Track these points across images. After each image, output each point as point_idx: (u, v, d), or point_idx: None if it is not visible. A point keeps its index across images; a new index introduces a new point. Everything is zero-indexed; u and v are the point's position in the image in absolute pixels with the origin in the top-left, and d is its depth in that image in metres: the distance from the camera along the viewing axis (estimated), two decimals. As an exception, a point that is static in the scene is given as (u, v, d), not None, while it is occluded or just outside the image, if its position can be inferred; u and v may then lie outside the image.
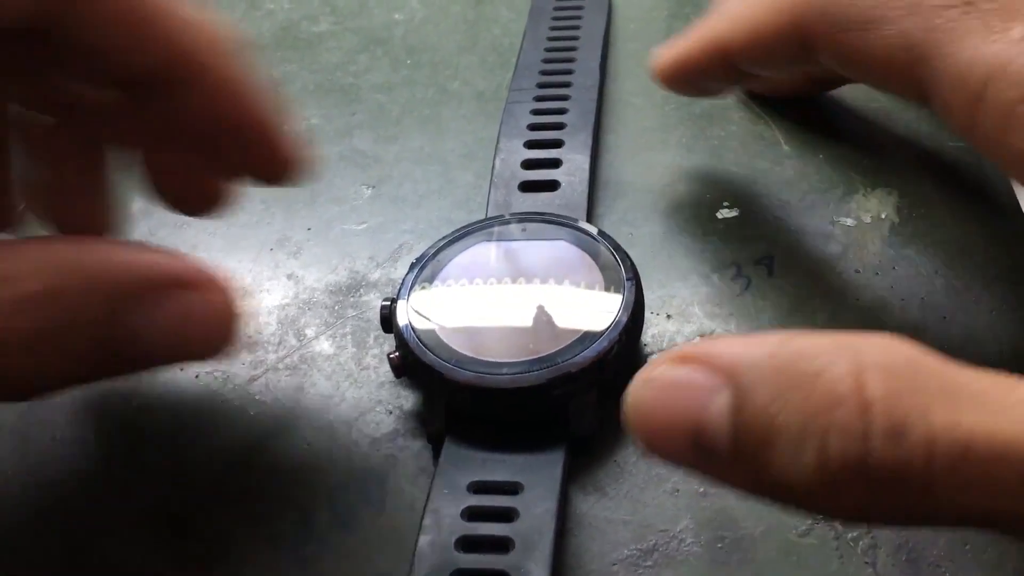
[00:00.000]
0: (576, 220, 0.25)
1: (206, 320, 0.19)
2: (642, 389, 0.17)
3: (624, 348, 0.22)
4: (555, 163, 0.28)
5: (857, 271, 0.26)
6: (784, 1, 0.23)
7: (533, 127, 0.29)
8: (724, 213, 0.27)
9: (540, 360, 0.22)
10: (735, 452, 0.16)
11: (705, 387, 0.16)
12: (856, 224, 0.27)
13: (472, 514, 0.20)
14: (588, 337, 0.22)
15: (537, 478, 0.21)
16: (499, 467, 0.21)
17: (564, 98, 0.31)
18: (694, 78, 0.26)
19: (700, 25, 0.25)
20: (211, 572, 0.21)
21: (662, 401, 0.16)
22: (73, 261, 0.18)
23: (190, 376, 0.25)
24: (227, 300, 0.19)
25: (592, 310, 0.23)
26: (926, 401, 0.15)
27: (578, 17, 0.35)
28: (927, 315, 0.24)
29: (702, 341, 0.16)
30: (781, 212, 0.27)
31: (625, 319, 0.22)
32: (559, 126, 0.29)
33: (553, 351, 0.22)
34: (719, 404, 0.16)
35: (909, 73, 0.21)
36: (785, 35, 0.23)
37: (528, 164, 0.28)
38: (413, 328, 0.23)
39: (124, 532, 0.22)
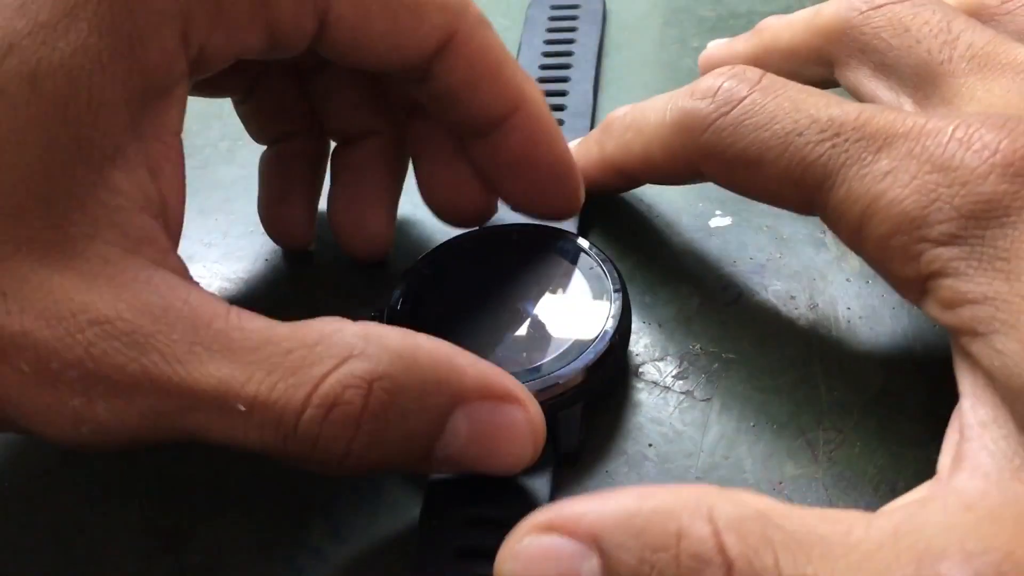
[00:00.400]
0: (565, 232, 0.25)
1: (522, 435, 0.20)
2: (511, 563, 0.17)
3: (611, 360, 0.22)
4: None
5: (848, 280, 0.26)
6: (672, 144, 0.24)
7: None
8: (717, 221, 0.28)
9: (526, 372, 0.22)
10: None
11: (573, 555, 0.16)
12: (848, 233, 0.27)
13: (464, 552, 0.20)
14: (574, 349, 0.22)
15: (525, 506, 0.21)
16: (487, 505, 0.21)
17: (559, 119, 0.31)
18: (592, 187, 0.27)
19: (594, 141, 0.27)
20: (206, 582, 0.21)
21: (533, 574, 0.17)
22: (430, 352, 0.19)
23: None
24: (539, 417, 0.20)
25: (579, 322, 0.23)
26: (776, 555, 0.15)
27: (573, 29, 0.35)
28: (920, 324, 0.24)
29: (561, 503, 0.17)
30: (773, 220, 0.27)
31: (612, 331, 0.22)
32: None
33: (539, 363, 0.22)
34: (588, 570, 0.16)
35: (797, 202, 0.22)
36: (678, 170, 0.24)
37: None
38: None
39: (119, 544, 0.22)
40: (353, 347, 0.18)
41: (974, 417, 0.18)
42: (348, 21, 0.21)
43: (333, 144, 0.27)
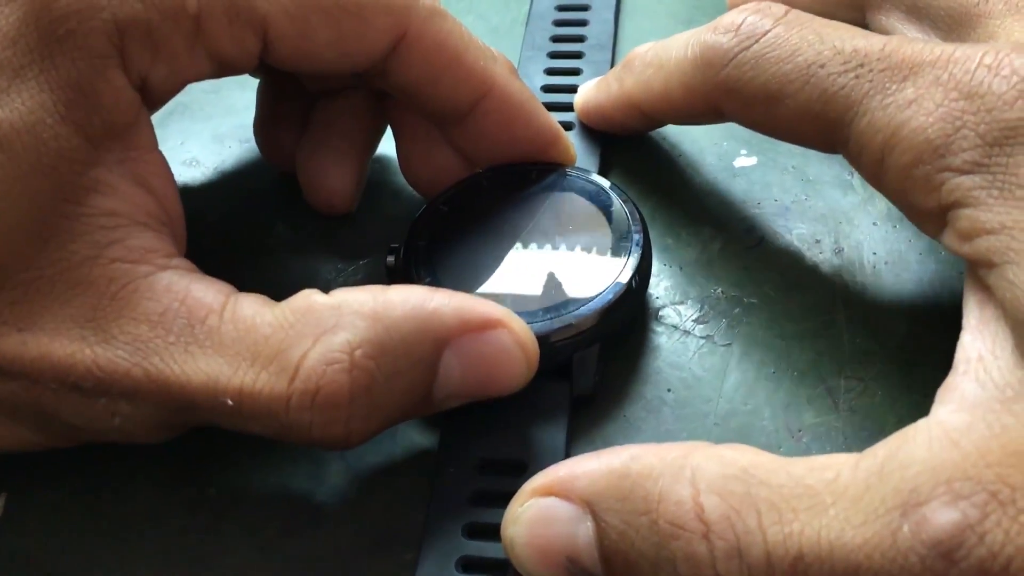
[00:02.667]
0: (588, 172, 0.24)
1: (513, 356, 0.20)
2: (513, 527, 0.18)
3: (628, 302, 0.22)
4: (570, 108, 0.28)
5: (875, 224, 0.25)
6: (692, 80, 0.23)
7: (547, 88, 0.29)
8: (742, 161, 0.27)
9: (544, 311, 0.21)
10: (609, 573, 0.17)
11: (570, 518, 0.17)
12: (876, 175, 0.26)
13: (478, 497, 0.20)
14: (591, 290, 0.22)
15: (541, 450, 0.21)
16: (502, 442, 0.21)
17: (578, 55, 0.30)
18: (611, 125, 0.27)
19: (614, 77, 0.26)
20: (223, 516, 0.21)
21: (534, 537, 0.18)
22: (402, 305, 0.19)
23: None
24: (525, 333, 0.20)
25: (598, 263, 0.22)
26: (759, 515, 0.16)
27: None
28: (947, 270, 0.24)
29: (559, 465, 0.18)
30: (799, 161, 0.27)
31: (631, 273, 0.22)
32: (573, 88, 0.29)
33: (554, 303, 0.22)
34: (584, 533, 0.17)
35: (818, 138, 0.21)
36: (697, 108, 0.24)
37: None
38: (419, 274, 0.23)
39: (141, 476, 0.22)
40: (326, 320, 0.18)
41: (971, 350, 0.18)
42: (290, 37, 0.21)
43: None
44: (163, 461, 0.22)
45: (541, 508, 0.18)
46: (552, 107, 0.28)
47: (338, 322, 0.18)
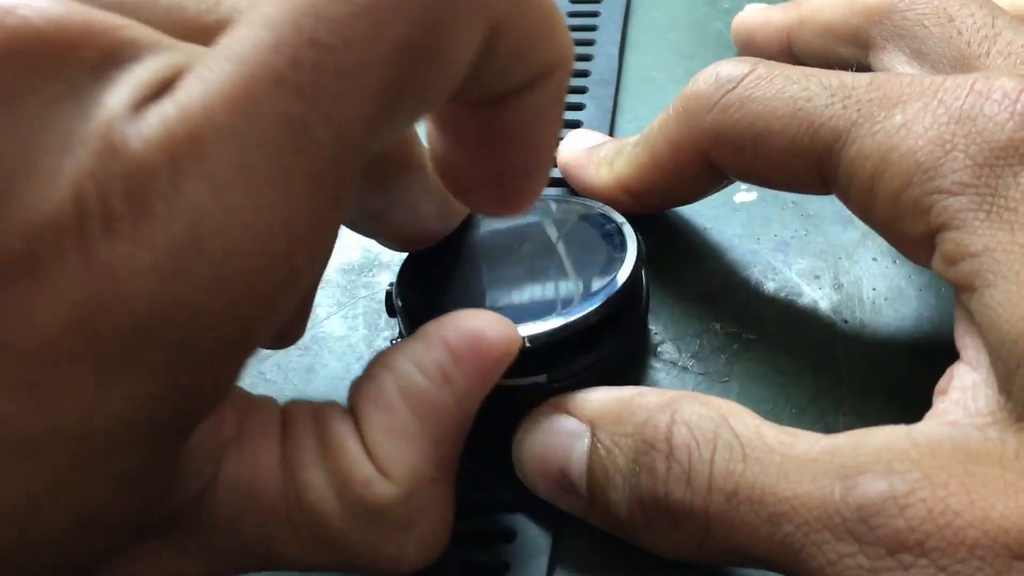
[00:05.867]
0: (593, 204, 0.24)
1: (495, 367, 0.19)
2: (523, 433, 0.20)
3: (628, 337, 0.22)
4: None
5: (875, 259, 0.25)
6: (678, 135, 0.23)
7: None
8: (742, 196, 0.27)
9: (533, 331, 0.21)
10: (590, 490, 0.19)
11: (571, 433, 0.19)
12: (876, 210, 0.26)
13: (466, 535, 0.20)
14: (589, 324, 0.21)
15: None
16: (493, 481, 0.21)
17: (582, 90, 0.31)
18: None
19: (600, 160, 0.25)
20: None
21: (538, 445, 0.19)
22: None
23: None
24: (507, 328, 0.19)
25: (599, 291, 0.22)
26: (713, 451, 0.17)
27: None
28: (947, 306, 0.24)
29: (578, 392, 0.20)
30: (799, 196, 0.27)
31: (628, 305, 0.22)
32: (576, 124, 0.29)
33: (552, 329, 0.21)
34: (579, 449, 0.19)
35: (808, 175, 0.21)
36: (686, 165, 0.23)
37: None
38: (412, 313, 0.22)
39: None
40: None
41: (962, 379, 0.18)
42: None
43: None
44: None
45: (551, 421, 0.19)
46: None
47: (419, 508, 0.18)
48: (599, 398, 0.19)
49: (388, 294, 0.23)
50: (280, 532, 0.17)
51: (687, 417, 0.18)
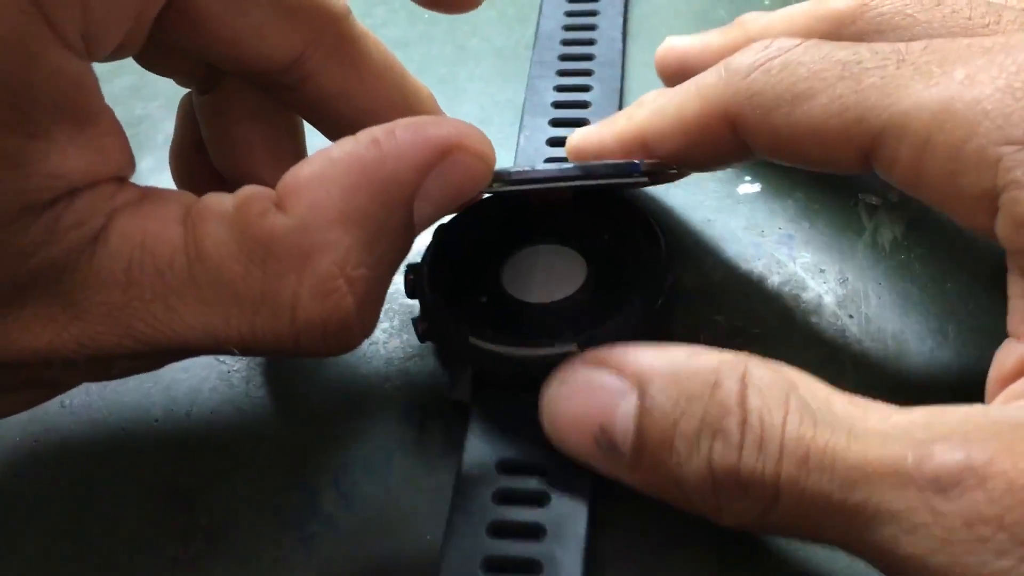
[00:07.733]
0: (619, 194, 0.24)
1: (476, 169, 0.19)
2: (557, 386, 0.19)
3: (650, 324, 0.22)
4: (582, 123, 0.28)
5: (880, 253, 0.25)
6: (710, 90, 0.21)
7: (557, 104, 0.29)
8: (745, 188, 0.27)
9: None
10: (637, 451, 0.18)
11: (615, 390, 0.18)
12: (881, 203, 0.26)
13: (503, 497, 0.20)
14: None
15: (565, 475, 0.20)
16: (527, 448, 0.21)
17: (588, 73, 0.30)
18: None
19: (624, 114, 0.24)
20: (215, 546, 0.21)
21: (574, 399, 0.19)
22: (360, 177, 0.18)
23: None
24: (481, 140, 0.19)
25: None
26: (786, 416, 0.17)
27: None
28: (954, 302, 0.23)
29: (616, 347, 0.19)
30: (804, 188, 0.26)
31: (659, 297, 0.22)
32: (584, 104, 0.29)
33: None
34: (626, 407, 0.18)
35: (844, 138, 0.19)
36: (713, 125, 0.21)
37: (553, 142, 0.28)
38: (438, 295, 0.22)
39: (133, 503, 0.22)
40: (298, 247, 0.18)
41: None
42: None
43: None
44: (154, 490, 0.22)
45: (589, 376, 0.19)
46: (563, 123, 0.28)
47: (312, 244, 0.17)
48: (648, 356, 0.18)
49: (407, 277, 0.23)
50: (178, 283, 0.17)
51: (758, 382, 0.17)
